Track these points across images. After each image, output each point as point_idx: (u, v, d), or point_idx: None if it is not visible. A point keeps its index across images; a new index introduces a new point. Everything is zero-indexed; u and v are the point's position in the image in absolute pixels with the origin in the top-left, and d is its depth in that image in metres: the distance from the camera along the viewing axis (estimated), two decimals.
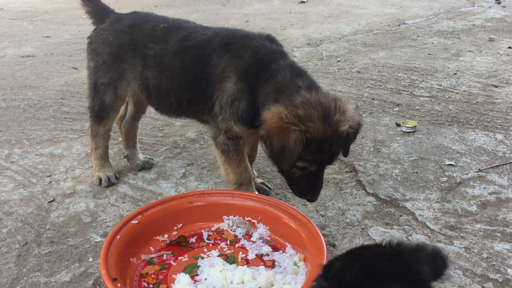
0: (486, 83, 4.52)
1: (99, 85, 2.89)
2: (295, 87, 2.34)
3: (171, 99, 2.75)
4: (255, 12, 8.63)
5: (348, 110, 2.30)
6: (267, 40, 2.60)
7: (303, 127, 2.18)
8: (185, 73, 2.66)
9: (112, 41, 2.84)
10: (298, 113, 2.21)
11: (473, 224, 2.52)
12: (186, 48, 2.67)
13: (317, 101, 2.24)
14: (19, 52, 6.29)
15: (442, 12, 7.88)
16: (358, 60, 5.45)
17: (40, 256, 2.40)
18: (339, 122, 2.24)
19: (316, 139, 2.20)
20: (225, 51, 2.54)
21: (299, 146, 2.18)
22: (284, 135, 2.21)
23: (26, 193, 2.95)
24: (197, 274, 2.17)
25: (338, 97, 2.33)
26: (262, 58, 2.48)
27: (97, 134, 3.01)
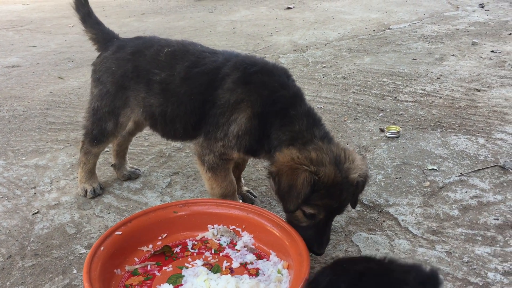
0: (469, 87, 4.58)
1: (101, 113, 2.85)
2: (310, 136, 2.36)
3: (176, 125, 2.70)
4: (242, 19, 8.66)
5: (357, 159, 2.31)
6: (284, 75, 2.56)
7: (314, 168, 2.18)
8: (192, 99, 2.60)
9: (115, 69, 2.80)
10: (310, 156, 2.23)
11: (455, 228, 2.56)
12: (195, 75, 2.61)
13: (329, 149, 2.27)
14: (4, 62, 6.26)
15: (426, 17, 7.97)
16: (344, 66, 5.50)
17: (24, 269, 2.39)
18: (349, 169, 2.24)
19: (327, 183, 2.18)
20: (244, 82, 2.50)
21: (306, 187, 2.17)
22: (293, 175, 2.20)
23: (11, 205, 2.94)
24: (181, 284, 2.17)
25: (347, 148, 2.37)
26: (280, 101, 2.44)
27: (89, 153, 2.99)
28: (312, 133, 2.36)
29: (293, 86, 2.53)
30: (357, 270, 1.36)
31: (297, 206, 2.23)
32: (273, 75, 2.51)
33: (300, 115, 2.40)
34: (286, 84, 2.50)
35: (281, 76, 2.52)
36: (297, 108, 2.42)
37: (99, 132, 2.89)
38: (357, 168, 2.28)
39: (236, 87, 2.48)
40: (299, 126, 2.38)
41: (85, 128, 2.96)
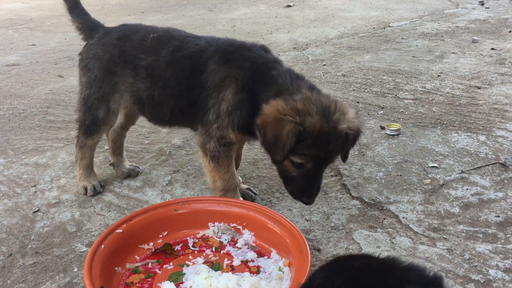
0: (469, 85, 4.57)
1: (91, 100, 2.86)
2: (296, 87, 2.40)
3: (164, 109, 2.75)
4: (241, 16, 8.65)
5: (349, 113, 2.34)
6: (262, 49, 2.64)
7: (299, 119, 2.22)
8: (178, 83, 2.67)
9: (102, 55, 2.83)
10: (296, 106, 2.26)
11: (456, 226, 2.55)
12: (178, 59, 2.67)
13: (318, 100, 2.30)
14: (4, 61, 6.25)
15: (426, 15, 7.96)
16: (344, 63, 5.49)
17: (24, 267, 2.39)
18: (338, 120, 2.27)
19: (312, 133, 2.23)
20: (225, 60, 2.56)
21: (291, 138, 2.21)
22: (278, 126, 2.25)
23: (11, 204, 2.94)
24: (182, 282, 2.17)
25: (339, 100, 2.39)
26: (261, 67, 2.51)
27: (84, 146, 3.00)
28: (298, 85, 2.41)
29: (272, 56, 2.64)
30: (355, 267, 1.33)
31: (284, 157, 2.29)
32: (251, 50, 2.59)
33: (282, 73, 2.48)
34: (265, 55, 2.60)
35: (259, 50, 2.61)
36: (277, 68, 2.50)
37: (92, 121, 2.91)
38: (347, 120, 2.30)
39: (218, 67, 2.56)
40: (283, 80, 2.44)
41: (77, 121, 2.98)
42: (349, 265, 1.34)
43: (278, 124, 2.25)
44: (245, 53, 2.57)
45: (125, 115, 3.16)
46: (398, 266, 1.31)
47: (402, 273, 1.28)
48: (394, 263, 1.33)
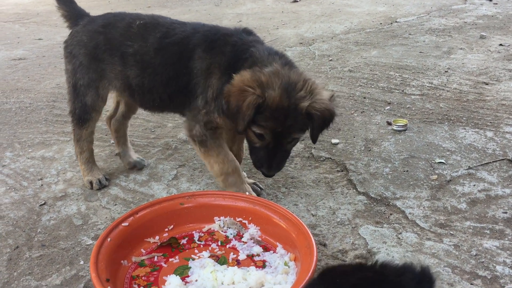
0: (477, 81, 4.54)
1: (78, 87, 2.90)
2: (270, 60, 2.44)
3: (154, 95, 2.79)
4: (247, 12, 8.63)
5: (319, 93, 2.37)
6: (244, 33, 2.68)
7: (260, 91, 2.29)
8: (167, 69, 2.71)
9: (87, 42, 2.86)
10: (260, 79, 2.32)
11: (463, 222, 2.54)
12: (167, 45, 2.71)
13: (286, 75, 2.34)
14: (10, 55, 6.27)
15: (434, 10, 7.90)
16: (350, 59, 5.47)
17: (31, 259, 2.40)
18: (301, 98, 2.31)
19: (271, 106, 2.29)
20: (210, 48, 2.61)
21: (251, 109, 2.29)
22: (240, 97, 2.33)
23: (18, 197, 2.95)
24: (188, 276, 2.17)
25: (312, 80, 2.41)
26: (240, 48, 2.56)
27: (80, 138, 3.01)
28: (273, 59, 2.45)
29: (254, 37, 2.67)
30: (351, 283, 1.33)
31: (244, 127, 2.37)
32: (233, 35, 2.63)
33: (261, 49, 2.52)
34: (245, 37, 2.63)
35: (241, 34, 2.65)
36: (256, 46, 2.55)
37: (81, 109, 2.93)
38: (314, 100, 2.33)
39: (205, 55, 2.60)
40: (260, 54, 2.49)
41: (70, 112, 3.02)
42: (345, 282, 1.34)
43: (240, 95, 2.33)
44: (227, 38, 2.61)
45: (126, 104, 3.20)
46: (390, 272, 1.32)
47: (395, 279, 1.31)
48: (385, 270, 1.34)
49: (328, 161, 3.23)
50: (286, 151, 2.53)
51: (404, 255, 2.30)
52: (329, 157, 3.27)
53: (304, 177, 3.05)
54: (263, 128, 2.37)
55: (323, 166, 3.16)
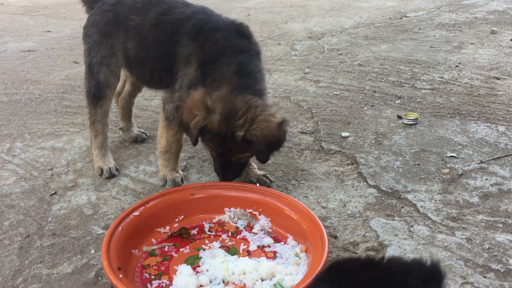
0: (488, 76, 4.50)
1: (92, 65, 2.99)
2: (225, 82, 2.48)
3: (146, 69, 2.88)
4: (256, 5, 8.60)
5: (263, 121, 2.40)
6: (235, 32, 2.65)
7: (204, 115, 2.41)
8: (158, 46, 2.78)
9: (99, 20, 2.98)
10: (207, 103, 2.41)
11: (475, 215, 2.52)
12: (163, 22, 2.79)
13: (230, 101, 2.41)
14: (20, 47, 6.29)
15: (444, 5, 7.84)
16: (360, 53, 5.43)
17: (42, 248, 2.41)
18: (238, 126, 2.39)
19: (211, 130, 2.43)
20: (195, 38, 2.64)
21: (197, 129, 2.44)
22: (189, 115, 2.46)
23: (28, 186, 2.96)
24: (198, 266, 2.17)
25: (260, 106, 2.44)
26: (218, 51, 2.57)
27: (95, 120, 3.06)
28: (229, 81, 2.48)
29: (240, 42, 2.62)
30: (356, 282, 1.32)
31: (194, 143, 2.54)
32: (220, 31, 2.62)
33: (231, 61, 2.52)
34: (231, 39, 2.61)
35: (229, 32, 2.63)
36: (231, 57, 2.54)
37: (96, 86, 3.00)
38: (251, 128, 2.38)
39: (189, 43, 2.65)
40: (224, 70, 2.51)
41: (85, 92, 3.09)
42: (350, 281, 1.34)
43: (189, 114, 2.46)
44: (212, 33, 2.62)
45: (132, 84, 3.34)
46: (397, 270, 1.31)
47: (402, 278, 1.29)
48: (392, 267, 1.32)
49: (338, 154, 3.22)
50: (238, 164, 2.63)
51: (416, 248, 2.29)
52: (339, 150, 3.26)
53: (314, 169, 3.03)
54: (208, 146, 2.57)
55: (333, 159, 3.15)
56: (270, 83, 4.57)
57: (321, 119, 3.72)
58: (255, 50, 2.68)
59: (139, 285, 2.07)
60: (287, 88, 4.43)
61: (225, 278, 2.07)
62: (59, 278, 2.20)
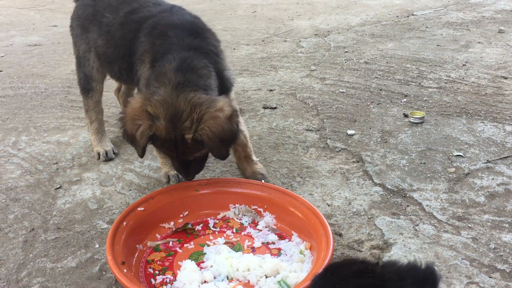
0: (496, 75, 4.47)
1: (79, 57, 3.09)
2: (166, 81, 2.34)
3: (114, 67, 2.88)
4: (262, 2, 8.57)
5: (210, 118, 2.26)
6: (188, 31, 2.56)
7: (150, 122, 2.27)
8: (123, 45, 2.75)
9: (81, 13, 3.05)
10: (148, 110, 2.27)
11: (481, 215, 2.50)
12: (129, 21, 2.76)
13: (172, 103, 2.26)
14: (26, 41, 6.29)
15: (451, 4, 7.79)
16: (366, 51, 5.41)
17: (46, 242, 2.41)
18: (185, 128, 2.26)
19: (159, 136, 2.29)
20: (150, 34, 2.59)
21: (144, 138, 2.29)
22: (133, 125, 2.31)
23: (33, 180, 2.96)
24: (203, 261, 2.17)
25: (205, 103, 2.28)
26: (166, 48, 2.48)
27: (88, 108, 3.18)
28: (168, 79, 2.34)
29: (191, 40, 2.51)
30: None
31: (141, 154, 2.38)
32: (174, 28, 2.55)
33: (175, 59, 2.40)
34: (182, 37, 2.51)
35: (182, 30, 2.54)
36: (176, 54, 2.42)
37: (84, 79, 3.11)
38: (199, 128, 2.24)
39: (145, 40, 2.60)
40: (167, 68, 2.38)
41: (77, 82, 3.22)
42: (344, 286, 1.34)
43: (133, 124, 2.31)
44: (166, 30, 2.55)
45: None
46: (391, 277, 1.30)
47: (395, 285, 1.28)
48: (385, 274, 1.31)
49: (343, 151, 3.20)
50: (198, 159, 2.47)
51: (421, 247, 2.28)
52: (345, 147, 3.24)
53: (320, 167, 3.02)
54: (162, 151, 2.45)
55: (339, 157, 3.14)
56: (275, 80, 4.56)
57: (327, 117, 3.71)
58: (207, 48, 2.55)
59: (143, 280, 2.07)
60: (293, 85, 4.41)
61: (229, 275, 2.07)
62: (63, 272, 2.20)
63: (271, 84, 4.47)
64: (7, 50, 5.86)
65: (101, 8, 2.93)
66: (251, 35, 6.34)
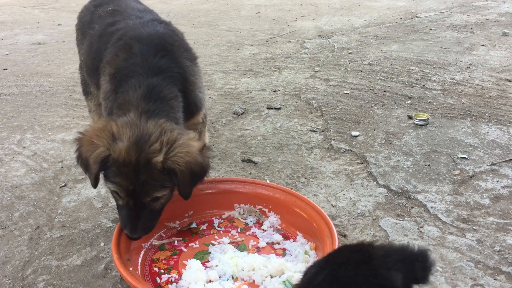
0: (500, 77, 4.47)
1: (80, 60, 3.10)
2: (133, 107, 2.12)
3: (94, 79, 2.72)
4: (266, 3, 8.58)
5: (183, 145, 2.01)
6: (155, 47, 2.33)
7: (107, 143, 1.97)
8: (97, 57, 2.57)
9: (82, 17, 3.07)
10: (112, 129, 2.00)
11: (486, 217, 2.50)
12: (106, 33, 2.60)
13: (140, 125, 2.01)
14: (30, 40, 6.31)
15: (455, 6, 7.79)
16: (370, 52, 5.41)
17: (52, 239, 2.42)
18: (154, 151, 1.95)
19: (117, 160, 1.94)
20: (113, 45, 2.41)
21: (96, 163, 1.97)
22: (89, 148, 2.01)
23: (38, 178, 2.97)
24: (208, 261, 2.17)
25: (176, 131, 2.05)
26: (129, 69, 2.26)
27: (91, 109, 3.19)
28: (136, 106, 2.11)
29: (157, 60, 2.27)
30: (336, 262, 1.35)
31: (94, 183, 2.05)
32: (140, 43, 2.32)
33: (140, 85, 2.17)
34: (147, 56, 2.27)
35: (149, 47, 2.30)
36: (141, 78, 2.20)
37: (83, 82, 3.14)
38: (172, 153, 1.97)
39: (109, 50, 2.41)
40: (132, 95, 2.16)
41: (80, 83, 3.23)
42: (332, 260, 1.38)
43: (89, 146, 2.01)
44: (131, 42, 2.34)
45: None
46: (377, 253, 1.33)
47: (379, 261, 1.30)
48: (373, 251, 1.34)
49: (348, 153, 3.20)
50: (154, 210, 2.08)
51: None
52: (349, 149, 3.25)
53: (324, 168, 3.03)
54: (115, 185, 1.99)
55: (343, 158, 3.14)
56: (279, 81, 4.57)
57: (331, 118, 3.71)
58: (175, 71, 2.31)
59: (148, 278, 2.08)
60: (297, 86, 4.42)
61: (234, 274, 2.07)
62: (68, 270, 2.21)
63: (275, 84, 4.48)
64: (11, 49, 5.88)
65: (95, 17, 2.88)
66: (255, 35, 6.35)
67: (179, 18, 7.40)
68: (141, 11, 2.81)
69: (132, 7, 2.86)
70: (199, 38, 6.20)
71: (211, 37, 6.29)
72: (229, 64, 5.14)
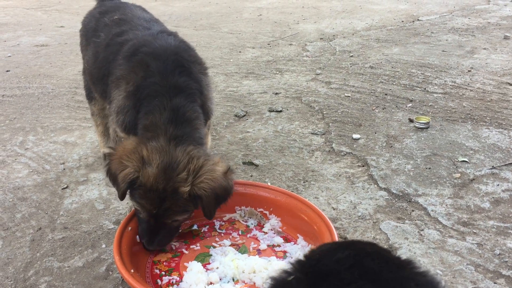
0: (501, 81, 4.48)
1: (84, 66, 3.10)
2: (161, 132, 2.17)
3: (98, 88, 2.77)
4: (268, 6, 8.60)
5: (209, 171, 2.11)
6: (172, 64, 2.34)
7: (137, 166, 2.07)
8: (104, 66, 2.61)
9: (86, 24, 3.06)
10: (142, 153, 2.10)
11: (486, 221, 2.51)
12: (113, 43, 2.61)
13: (169, 152, 2.10)
14: (33, 41, 6.33)
15: (456, 10, 7.80)
16: (371, 55, 5.42)
17: (53, 241, 2.43)
18: (181, 180, 2.06)
19: (145, 185, 2.06)
20: (128, 60, 2.41)
21: (125, 183, 2.09)
22: (118, 166, 2.12)
23: (40, 180, 2.98)
24: (209, 263, 2.18)
25: (202, 157, 2.14)
26: (149, 88, 2.28)
27: (93, 113, 3.20)
28: (164, 130, 2.17)
29: (177, 79, 2.31)
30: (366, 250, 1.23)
31: (121, 197, 2.17)
32: (157, 60, 2.34)
33: (165, 107, 2.22)
34: (166, 73, 2.30)
35: (166, 64, 2.33)
36: (165, 100, 2.24)
37: (86, 87, 3.17)
38: (197, 181, 2.08)
39: (122, 63, 2.42)
40: (159, 118, 2.21)
41: (83, 87, 3.25)
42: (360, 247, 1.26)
43: (119, 164, 2.12)
44: (147, 59, 2.35)
45: None
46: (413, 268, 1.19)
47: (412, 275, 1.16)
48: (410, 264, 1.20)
49: (349, 155, 3.21)
50: (172, 228, 2.21)
51: (426, 252, 2.29)
52: (350, 152, 3.26)
53: (325, 170, 3.04)
54: (138, 204, 2.13)
55: (344, 161, 3.15)
56: (281, 83, 4.58)
57: (332, 121, 3.72)
58: (194, 88, 2.35)
59: (149, 280, 2.09)
60: (298, 89, 4.43)
61: (235, 276, 2.08)
62: (70, 272, 2.22)
63: (277, 87, 4.49)
64: (14, 50, 5.90)
65: (100, 24, 2.85)
66: (257, 38, 6.37)
67: (181, 21, 7.42)
68: (148, 20, 2.81)
69: (139, 16, 2.84)
70: (201, 40, 6.22)
71: (213, 40, 6.31)
72: (231, 66, 5.16)
